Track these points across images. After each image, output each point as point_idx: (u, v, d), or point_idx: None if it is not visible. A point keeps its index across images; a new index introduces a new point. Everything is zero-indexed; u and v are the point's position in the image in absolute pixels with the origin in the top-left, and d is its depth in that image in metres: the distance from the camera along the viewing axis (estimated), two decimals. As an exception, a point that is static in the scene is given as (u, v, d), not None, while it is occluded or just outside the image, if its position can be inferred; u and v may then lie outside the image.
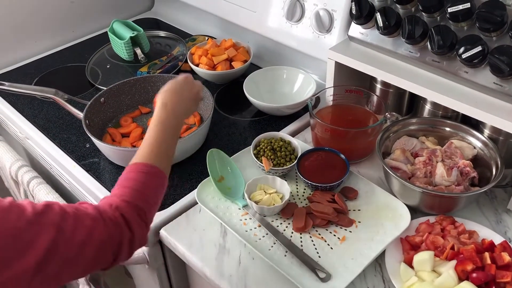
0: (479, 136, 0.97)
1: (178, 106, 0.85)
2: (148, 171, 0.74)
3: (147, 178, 0.73)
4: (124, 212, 0.68)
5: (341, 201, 0.93)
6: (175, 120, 0.83)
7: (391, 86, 1.09)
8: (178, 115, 0.84)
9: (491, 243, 0.82)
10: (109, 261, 0.67)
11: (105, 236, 0.64)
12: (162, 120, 0.82)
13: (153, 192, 0.73)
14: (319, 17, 1.15)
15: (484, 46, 0.86)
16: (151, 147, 0.77)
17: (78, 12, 1.56)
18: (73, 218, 0.62)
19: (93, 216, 0.65)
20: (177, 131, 0.84)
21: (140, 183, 0.72)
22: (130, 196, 0.70)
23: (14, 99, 1.30)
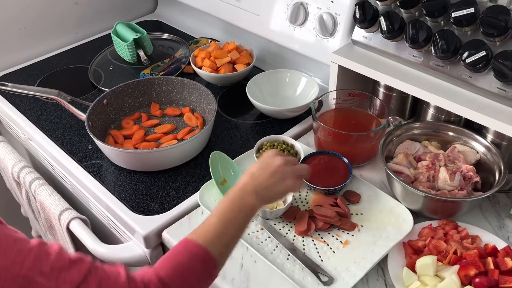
0: (482, 141, 0.97)
1: (248, 192, 0.74)
2: (196, 253, 0.66)
3: (194, 262, 0.66)
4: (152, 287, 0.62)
5: (343, 204, 0.93)
6: (244, 204, 0.73)
7: (394, 90, 1.09)
8: (248, 200, 0.73)
9: (494, 248, 0.82)
10: None
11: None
12: (231, 201, 0.73)
13: (195, 278, 0.65)
14: (322, 21, 1.16)
15: (488, 51, 0.86)
16: (212, 228, 0.69)
17: (81, 14, 1.57)
18: (97, 283, 0.58)
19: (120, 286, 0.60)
20: (245, 221, 0.73)
21: (182, 264, 0.65)
22: (167, 274, 0.64)
23: (16, 100, 1.30)
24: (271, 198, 0.78)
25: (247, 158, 1.04)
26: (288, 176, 0.78)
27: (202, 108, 1.20)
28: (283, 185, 0.77)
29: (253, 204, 0.73)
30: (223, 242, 0.69)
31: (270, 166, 0.78)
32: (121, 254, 0.98)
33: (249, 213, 0.73)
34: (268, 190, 0.76)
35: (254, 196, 0.74)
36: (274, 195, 0.77)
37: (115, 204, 1.00)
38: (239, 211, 0.72)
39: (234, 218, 0.71)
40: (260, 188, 0.75)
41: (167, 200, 0.99)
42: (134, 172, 1.06)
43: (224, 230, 0.70)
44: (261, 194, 0.75)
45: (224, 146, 1.13)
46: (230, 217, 0.71)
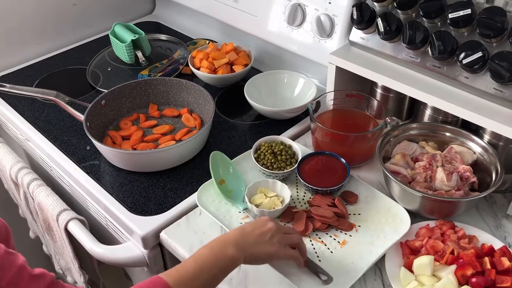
0: (479, 142, 0.97)
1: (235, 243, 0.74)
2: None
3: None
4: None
5: (341, 205, 0.93)
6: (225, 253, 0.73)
7: (391, 91, 1.10)
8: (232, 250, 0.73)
9: (491, 248, 0.83)
10: None
11: None
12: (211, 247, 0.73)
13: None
14: (320, 22, 1.16)
15: (485, 52, 0.87)
16: (185, 272, 0.69)
17: (79, 15, 1.57)
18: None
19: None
20: (221, 274, 0.73)
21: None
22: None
23: (15, 101, 1.30)
24: (255, 257, 0.76)
25: (245, 159, 1.04)
26: (276, 240, 0.78)
27: (200, 109, 1.21)
28: (269, 247, 0.77)
29: (232, 256, 0.73)
30: (194, 286, 0.68)
31: (263, 226, 0.78)
32: (119, 255, 0.98)
33: (228, 263, 0.72)
34: (253, 247, 0.76)
35: (236, 248, 0.73)
36: (258, 253, 0.76)
37: (113, 205, 1.00)
38: (217, 259, 0.72)
39: (211, 265, 0.71)
40: (245, 243, 0.75)
41: (165, 201, 0.99)
42: (132, 173, 1.07)
43: (198, 276, 0.69)
44: (244, 249, 0.74)
45: (222, 146, 1.14)
46: (206, 264, 0.71)
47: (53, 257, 1.35)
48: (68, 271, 1.29)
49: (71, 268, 1.23)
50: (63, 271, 1.34)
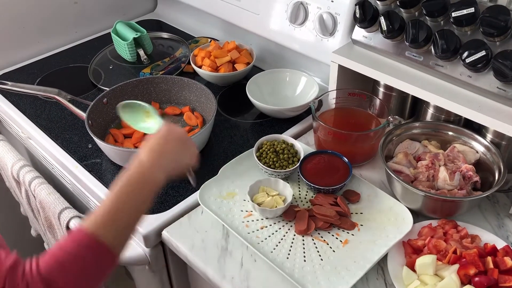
0: (482, 141, 0.97)
1: (156, 166, 0.71)
2: (81, 242, 0.64)
3: (75, 248, 0.63)
4: (30, 283, 0.60)
5: (343, 204, 0.93)
6: (146, 180, 0.70)
7: (394, 89, 1.10)
8: (153, 175, 0.71)
9: (493, 247, 0.82)
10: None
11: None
12: (130, 178, 0.69)
13: (80, 266, 0.63)
14: (322, 21, 1.16)
15: (488, 50, 0.87)
16: (104, 211, 0.66)
17: (81, 13, 1.57)
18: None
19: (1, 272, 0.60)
20: (146, 198, 0.70)
21: (64, 252, 0.63)
22: (47, 265, 0.62)
23: (16, 99, 1.30)
24: (177, 172, 0.75)
25: (247, 158, 1.04)
26: (190, 144, 0.77)
27: (202, 107, 1.20)
28: (188, 154, 0.76)
29: (156, 179, 0.70)
30: (117, 222, 0.66)
31: (172, 134, 0.76)
32: (121, 253, 0.98)
33: (150, 188, 0.70)
34: (174, 162, 0.74)
35: (157, 170, 0.71)
36: (181, 168, 0.76)
37: (115, 203, 0.99)
38: (137, 186, 0.69)
39: (131, 194, 0.68)
40: (166, 161, 0.72)
41: (167, 199, 0.99)
42: (134, 171, 1.06)
43: (118, 210, 0.67)
44: (166, 168, 0.72)
45: (223, 145, 1.13)
46: (127, 196, 0.68)
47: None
48: (70, 269, 1.29)
49: (73, 266, 1.23)
50: (64, 269, 1.34)
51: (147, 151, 0.73)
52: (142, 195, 0.69)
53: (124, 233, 0.68)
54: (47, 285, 0.61)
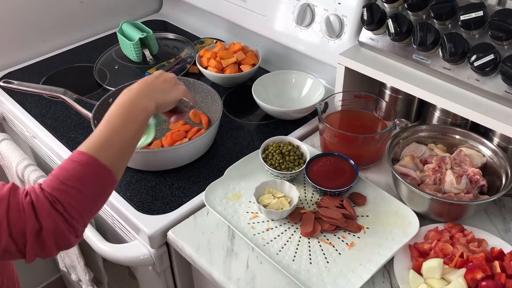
0: (489, 145, 0.97)
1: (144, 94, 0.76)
2: (79, 160, 0.67)
3: (74, 167, 0.66)
4: (34, 199, 0.63)
5: (349, 206, 0.93)
6: (136, 106, 0.74)
7: (400, 92, 1.09)
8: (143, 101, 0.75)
9: (500, 251, 0.82)
10: (14, 250, 0.63)
11: (1, 219, 0.61)
12: (121, 104, 0.73)
13: (78, 182, 0.66)
14: (329, 22, 1.16)
15: (496, 54, 0.86)
16: (99, 135, 0.70)
17: (87, 13, 1.57)
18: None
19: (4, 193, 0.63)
20: (138, 123, 0.74)
21: (64, 171, 0.66)
22: (47, 183, 0.65)
23: (21, 98, 1.30)
24: (165, 102, 0.80)
25: (252, 159, 1.04)
26: (179, 84, 0.84)
27: (207, 108, 1.20)
28: (176, 92, 0.82)
29: (145, 105, 0.75)
30: (112, 146, 0.69)
31: (161, 75, 0.83)
32: (125, 253, 0.98)
33: (140, 113, 0.74)
34: (162, 94, 0.79)
35: (146, 97, 0.75)
36: (167, 99, 0.80)
37: (120, 203, 0.99)
38: (129, 112, 0.73)
39: (123, 119, 0.72)
40: (153, 92, 0.77)
41: (172, 200, 0.99)
42: (140, 172, 1.06)
43: (112, 134, 0.70)
44: (154, 97, 0.77)
45: (229, 146, 1.13)
46: (118, 119, 0.71)
47: (58, 255, 1.35)
48: (73, 269, 1.29)
49: (76, 266, 1.23)
50: (67, 269, 1.34)
51: (137, 83, 0.79)
52: (133, 120, 0.73)
53: (121, 156, 0.71)
54: (52, 202, 0.64)
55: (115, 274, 1.28)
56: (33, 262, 0.66)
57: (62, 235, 0.65)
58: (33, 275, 1.79)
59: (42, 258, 0.66)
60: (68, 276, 1.35)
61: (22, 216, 0.62)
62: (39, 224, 0.63)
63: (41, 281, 1.84)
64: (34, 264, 1.85)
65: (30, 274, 1.77)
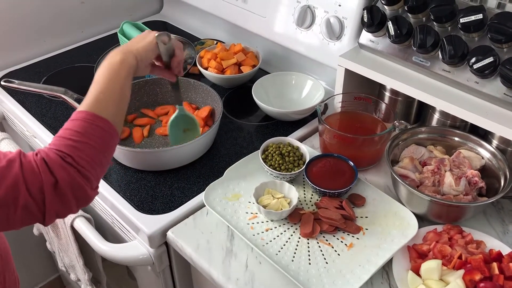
0: (488, 147, 0.97)
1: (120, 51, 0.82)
2: (78, 117, 0.71)
3: (75, 124, 0.71)
4: (45, 156, 0.66)
5: (348, 207, 0.93)
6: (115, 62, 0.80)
7: (399, 94, 1.10)
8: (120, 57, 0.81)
9: (498, 253, 0.82)
10: (34, 208, 0.65)
11: (16, 177, 0.63)
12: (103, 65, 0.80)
13: (82, 136, 0.70)
14: (329, 24, 1.16)
15: (496, 57, 0.87)
16: (90, 95, 0.75)
17: (87, 13, 1.57)
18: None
19: (10, 158, 0.65)
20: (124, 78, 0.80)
21: (66, 130, 0.70)
22: (55, 143, 0.69)
23: (22, 98, 1.30)
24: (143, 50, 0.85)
25: (252, 160, 1.04)
26: (152, 33, 0.89)
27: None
28: (148, 38, 0.87)
29: (121, 58, 0.80)
30: (104, 100, 0.74)
31: (140, 34, 0.90)
32: (125, 253, 0.98)
33: (121, 67, 0.79)
34: (137, 43, 0.86)
35: (120, 53, 0.81)
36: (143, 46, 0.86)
37: (120, 203, 1.00)
38: (111, 70, 0.78)
39: (108, 76, 0.77)
40: (130, 46, 0.84)
41: (172, 200, 0.99)
42: (140, 171, 1.07)
43: (102, 90, 0.75)
44: (129, 50, 0.83)
45: (228, 147, 1.13)
46: (103, 78, 0.77)
47: (57, 254, 1.35)
48: (72, 269, 1.29)
49: (75, 266, 1.23)
50: (66, 268, 1.34)
51: (119, 47, 0.85)
52: (116, 75, 0.78)
53: (115, 108, 0.76)
54: (62, 157, 0.67)
55: (114, 274, 1.28)
56: (32, 261, 0.66)
57: (79, 186, 0.68)
58: (32, 275, 1.79)
59: (61, 216, 0.69)
60: (67, 276, 1.35)
61: (36, 172, 0.65)
62: (54, 177, 0.66)
63: (40, 280, 1.84)
64: (33, 263, 1.85)
65: (29, 274, 1.76)
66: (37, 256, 1.71)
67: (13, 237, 1.54)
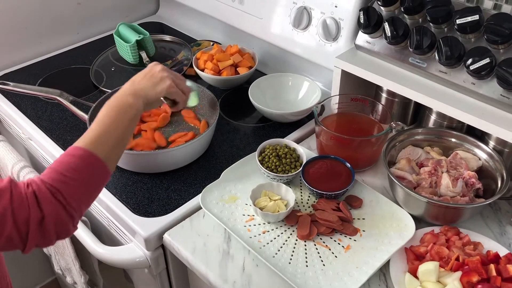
0: (485, 148, 0.97)
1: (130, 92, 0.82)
2: (75, 154, 0.71)
3: (72, 160, 0.71)
4: (36, 190, 0.66)
5: (345, 209, 0.93)
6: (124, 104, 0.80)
7: (396, 95, 1.10)
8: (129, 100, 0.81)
9: (496, 255, 0.82)
10: (17, 239, 0.65)
11: (5, 208, 0.64)
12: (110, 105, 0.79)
13: (76, 174, 0.70)
14: (326, 26, 1.16)
15: (492, 58, 0.87)
16: (92, 133, 0.75)
17: (83, 14, 1.56)
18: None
19: (1, 187, 0.65)
20: (128, 120, 0.79)
21: (62, 164, 0.70)
22: (47, 176, 0.69)
23: (17, 100, 1.29)
24: (153, 99, 0.85)
25: (249, 162, 1.04)
26: (167, 76, 0.87)
27: (204, 110, 1.20)
28: (162, 85, 0.86)
29: (131, 103, 0.80)
30: (104, 141, 0.74)
31: (151, 70, 0.88)
32: (121, 256, 0.98)
33: (128, 111, 0.79)
34: (148, 90, 0.84)
35: (132, 96, 0.81)
36: (154, 94, 0.85)
37: (116, 206, 0.99)
38: (119, 112, 0.78)
39: (113, 117, 0.77)
40: (140, 89, 0.83)
41: (168, 202, 0.99)
42: (136, 174, 1.06)
43: (104, 130, 0.75)
44: (140, 94, 0.82)
45: (225, 149, 1.13)
46: (108, 118, 0.77)
47: (53, 257, 1.35)
48: (68, 272, 1.28)
49: (72, 269, 1.22)
50: (62, 271, 1.33)
51: (126, 83, 0.85)
52: (122, 117, 0.78)
53: (114, 150, 0.76)
54: (53, 192, 0.67)
55: (110, 277, 1.28)
56: (28, 264, 0.66)
57: (62, 223, 0.68)
58: (28, 278, 1.78)
59: (40, 247, 0.69)
60: (63, 279, 1.35)
61: (25, 205, 0.65)
62: (41, 213, 0.66)
63: (36, 283, 1.83)
64: (29, 266, 1.84)
65: (24, 277, 1.76)
66: (33, 259, 1.70)
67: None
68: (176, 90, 0.89)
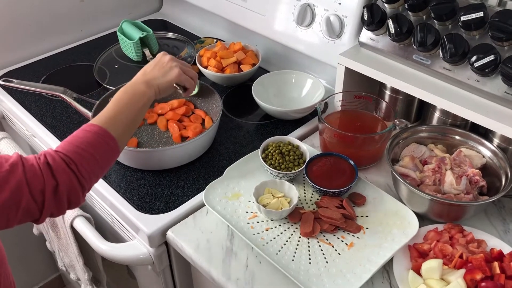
0: (489, 145, 0.97)
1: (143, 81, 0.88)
2: (90, 129, 0.76)
3: (87, 134, 0.75)
4: (50, 160, 0.70)
5: (349, 207, 0.93)
6: (138, 91, 0.85)
7: (400, 92, 1.09)
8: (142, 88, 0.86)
9: (500, 252, 0.82)
10: (34, 209, 0.68)
11: (20, 180, 0.66)
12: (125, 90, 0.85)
13: (90, 147, 0.74)
14: (329, 23, 1.16)
15: (497, 55, 0.86)
16: (107, 113, 0.80)
17: (87, 12, 1.57)
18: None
19: (12, 162, 0.67)
20: (139, 106, 0.84)
21: (77, 138, 0.74)
22: (61, 147, 0.73)
23: (21, 97, 1.30)
24: (164, 87, 0.90)
25: (252, 159, 1.04)
26: (175, 65, 0.93)
27: (207, 107, 1.20)
28: (172, 74, 0.91)
29: (143, 91, 0.86)
30: (118, 122, 0.79)
31: (160, 61, 0.93)
32: (124, 253, 0.98)
33: (141, 98, 0.85)
34: (159, 79, 0.89)
35: (144, 85, 0.87)
36: (165, 83, 0.90)
37: (119, 203, 0.99)
38: (131, 96, 0.84)
39: (127, 102, 0.83)
40: (151, 79, 0.89)
41: (172, 199, 0.99)
42: (139, 171, 1.06)
43: (118, 112, 0.80)
44: (152, 84, 0.88)
45: (228, 146, 1.13)
46: (123, 102, 0.83)
47: (57, 254, 1.35)
48: (72, 268, 1.29)
49: (75, 265, 1.23)
50: (66, 268, 1.34)
51: (139, 73, 0.91)
52: (135, 103, 0.84)
53: (125, 131, 0.81)
54: (67, 162, 0.71)
55: (114, 274, 1.28)
56: (32, 261, 0.67)
57: (75, 191, 0.72)
58: (32, 274, 1.79)
59: (54, 216, 0.73)
60: (67, 275, 1.35)
61: (39, 175, 0.68)
62: (55, 181, 0.69)
63: (40, 280, 1.84)
64: (33, 263, 1.85)
65: (28, 273, 1.76)
66: (37, 255, 1.71)
67: (13, 236, 1.54)
68: (185, 77, 0.94)
